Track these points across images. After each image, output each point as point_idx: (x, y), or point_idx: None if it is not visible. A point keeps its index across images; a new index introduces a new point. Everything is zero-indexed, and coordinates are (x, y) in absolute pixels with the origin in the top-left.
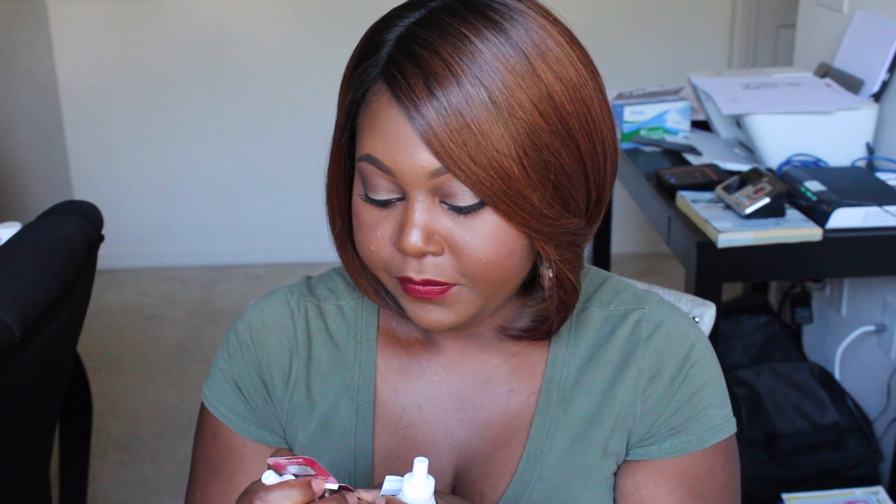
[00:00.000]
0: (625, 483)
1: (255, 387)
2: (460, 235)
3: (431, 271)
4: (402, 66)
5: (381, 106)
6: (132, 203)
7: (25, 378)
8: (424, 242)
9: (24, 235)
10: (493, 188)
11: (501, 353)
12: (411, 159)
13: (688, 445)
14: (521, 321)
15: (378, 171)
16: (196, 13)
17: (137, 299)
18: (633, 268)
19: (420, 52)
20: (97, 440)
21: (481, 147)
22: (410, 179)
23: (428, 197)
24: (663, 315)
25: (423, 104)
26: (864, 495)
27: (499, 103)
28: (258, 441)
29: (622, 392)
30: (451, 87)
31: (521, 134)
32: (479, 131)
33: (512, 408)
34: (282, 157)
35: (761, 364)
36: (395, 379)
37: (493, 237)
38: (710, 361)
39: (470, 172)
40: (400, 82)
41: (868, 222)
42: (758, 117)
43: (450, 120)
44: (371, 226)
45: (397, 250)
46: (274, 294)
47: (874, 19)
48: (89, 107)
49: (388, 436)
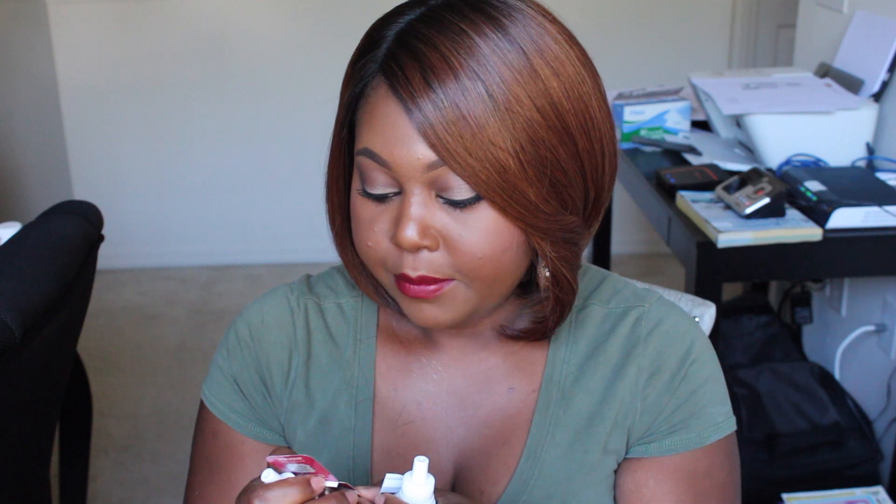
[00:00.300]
0: (625, 481)
1: (255, 385)
2: (456, 230)
3: (427, 267)
4: (401, 60)
5: (379, 99)
6: (132, 203)
7: (25, 378)
8: (420, 236)
9: (24, 235)
10: (489, 181)
11: (501, 352)
12: (408, 152)
13: (688, 443)
14: (519, 322)
15: (375, 165)
16: (196, 13)
17: (137, 299)
18: (633, 268)
19: (418, 46)
20: (97, 440)
21: (477, 139)
22: (407, 172)
23: (424, 191)
24: (663, 313)
25: (420, 97)
26: (864, 495)
27: (496, 97)
28: (257, 439)
29: (622, 389)
30: (448, 80)
31: (518, 129)
32: (475, 124)
33: (512, 406)
34: (282, 157)
35: (761, 364)
36: (395, 377)
37: (489, 232)
38: (709, 359)
39: (466, 165)
40: (398, 75)
41: (868, 222)
42: (758, 117)
43: (446, 112)
44: (368, 222)
45: (393, 245)
46: (274, 292)
47: (874, 19)
48: (89, 107)
49: (387, 433)
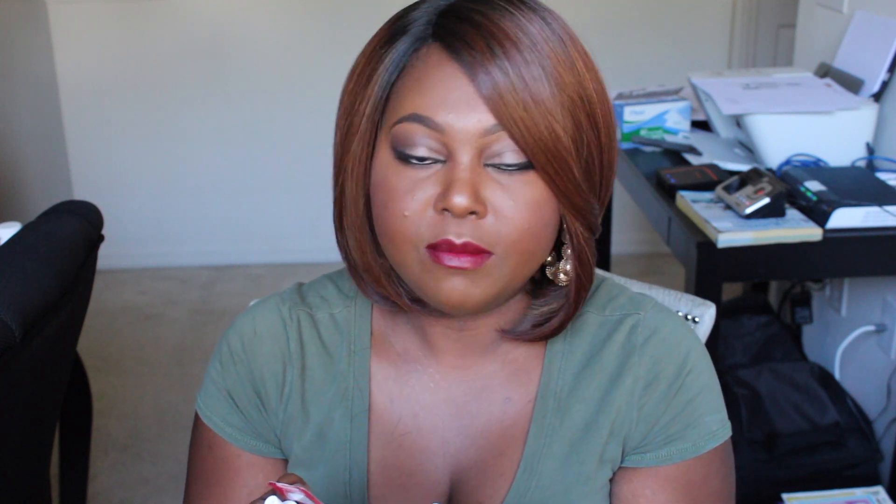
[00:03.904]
0: (622, 490)
1: (249, 398)
2: (504, 198)
3: (472, 234)
4: (460, 28)
5: (431, 66)
6: (132, 203)
7: (25, 378)
8: (472, 201)
9: (24, 235)
10: (545, 150)
11: (499, 359)
12: (466, 116)
13: (684, 453)
14: (523, 324)
15: (424, 130)
16: (196, 13)
17: (137, 299)
18: (633, 268)
19: (474, 17)
20: (97, 440)
21: (539, 108)
22: (461, 137)
23: (474, 157)
24: (659, 321)
25: (486, 61)
26: (864, 495)
27: (549, 74)
28: (253, 452)
29: (618, 399)
30: (511, 49)
31: (566, 107)
32: (536, 93)
33: (508, 416)
34: (282, 157)
35: (761, 364)
36: (391, 387)
37: (535, 202)
38: (706, 368)
39: (526, 131)
40: (460, 41)
41: (868, 222)
42: (758, 117)
43: (512, 78)
44: (407, 190)
45: (439, 212)
46: (265, 303)
47: (874, 19)
48: (89, 107)
49: (383, 445)
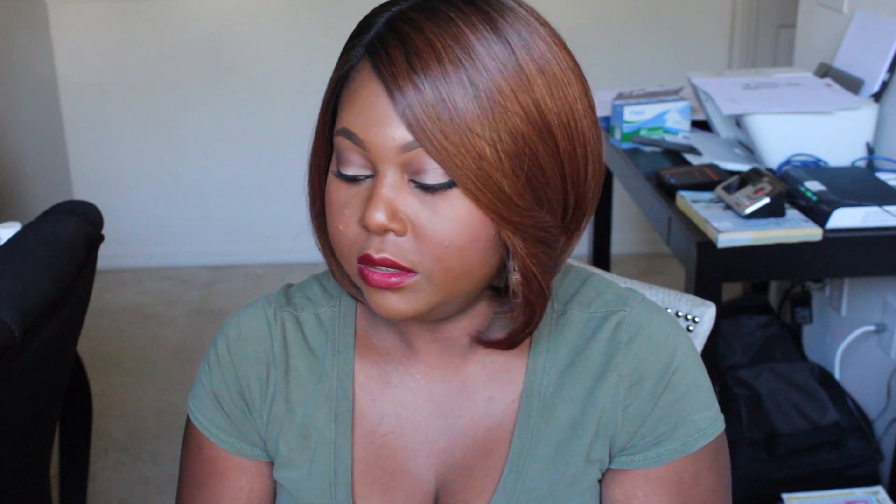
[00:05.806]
0: (613, 492)
1: (234, 400)
2: (425, 215)
3: (391, 251)
4: (386, 43)
5: (362, 81)
6: (132, 203)
7: (25, 378)
8: (388, 218)
9: (24, 235)
10: (464, 167)
11: (479, 360)
12: (384, 132)
13: (673, 453)
14: (494, 330)
15: (352, 146)
16: (196, 13)
17: (137, 299)
18: (633, 268)
19: (405, 29)
20: (97, 440)
21: (455, 124)
22: (381, 153)
23: (397, 174)
24: (644, 318)
25: (402, 78)
26: (864, 495)
27: (478, 86)
28: (238, 454)
29: (603, 398)
30: (431, 64)
31: (498, 119)
32: (454, 108)
33: (492, 416)
34: (282, 157)
35: (761, 364)
36: (373, 387)
37: (458, 220)
38: (692, 365)
39: (441, 148)
40: (382, 57)
41: (868, 222)
42: (758, 117)
43: (426, 95)
44: (341, 205)
45: (362, 229)
46: (252, 305)
47: (874, 19)
48: (89, 107)
49: (366, 444)
